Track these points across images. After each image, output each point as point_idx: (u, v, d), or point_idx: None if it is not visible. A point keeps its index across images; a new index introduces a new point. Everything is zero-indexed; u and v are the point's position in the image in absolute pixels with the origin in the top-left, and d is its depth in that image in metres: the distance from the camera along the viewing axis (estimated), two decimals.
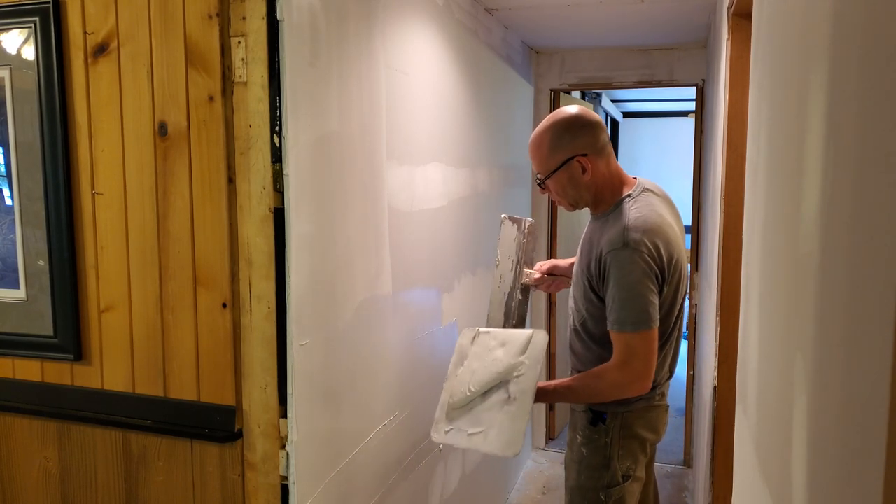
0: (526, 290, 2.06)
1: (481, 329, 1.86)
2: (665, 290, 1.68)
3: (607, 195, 1.76)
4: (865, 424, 0.44)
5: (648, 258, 1.61)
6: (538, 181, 1.81)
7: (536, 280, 2.07)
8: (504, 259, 2.07)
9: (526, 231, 2.06)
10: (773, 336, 0.81)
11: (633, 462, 1.77)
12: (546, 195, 2.06)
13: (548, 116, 1.78)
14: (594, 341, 1.77)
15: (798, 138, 0.70)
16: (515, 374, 1.70)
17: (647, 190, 1.77)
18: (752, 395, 0.99)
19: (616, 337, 1.64)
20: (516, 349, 1.75)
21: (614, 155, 1.79)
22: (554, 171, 1.74)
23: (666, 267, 1.65)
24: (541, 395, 1.71)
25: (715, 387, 2.01)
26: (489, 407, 1.69)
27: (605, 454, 1.77)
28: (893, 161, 0.41)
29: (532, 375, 1.69)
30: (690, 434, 3.76)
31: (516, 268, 2.05)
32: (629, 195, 1.73)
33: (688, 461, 3.81)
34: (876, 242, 0.44)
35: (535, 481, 3.69)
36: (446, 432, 1.71)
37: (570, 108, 1.76)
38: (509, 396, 1.68)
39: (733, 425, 1.51)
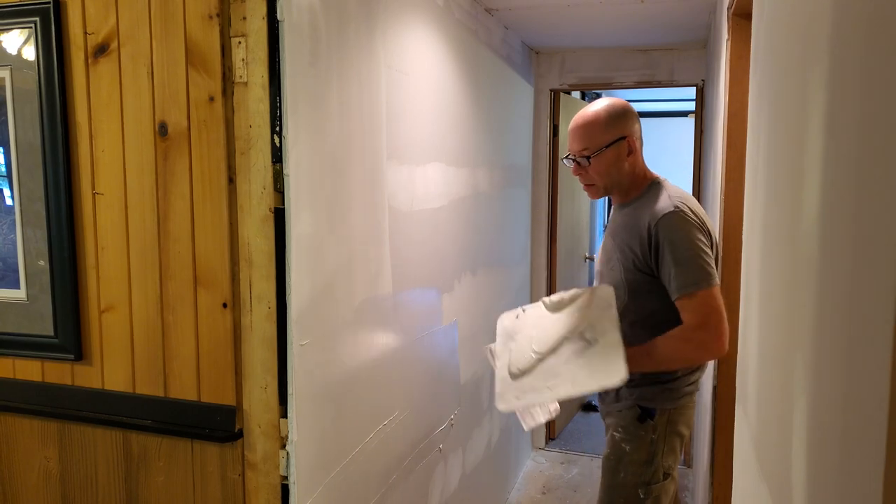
0: None
1: (525, 307, 1.86)
2: None
3: (639, 182, 1.85)
4: (865, 425, 0.44)
5: (697, 222, 1.67)
6: (576, 158, 1.82)
7: None
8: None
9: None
10: (773, 336, 0.81)
11: (674, 460, 1.80)
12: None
13: (597, 101, 1.84)
14: (638, 327, 1.75)
15: (798, 138, 0.70)
16: (587, 323, 1.67)
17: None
18: (752, 395, 0.99)
19: (687, 301, 1.60)
20: (578, 306, 1.73)
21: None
22: (605, 147, 1.78)
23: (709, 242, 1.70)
24: None
25: (715, 387, 2.01)
26: (564, 360, 1.65)
27: (650, 450, 1.78)
28: (893, 160, 0.41)
29: (610, 315, 1.64)
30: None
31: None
32: (657, 181, 1.84)
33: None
34: (876, 242, 0.44)
35: (535, 481, 3.69)
36: (517, 397, 1.66)
37: (616, 98, 1.88)
38: (588, 342, 1.64)
39: (733, 425, 1.51)
